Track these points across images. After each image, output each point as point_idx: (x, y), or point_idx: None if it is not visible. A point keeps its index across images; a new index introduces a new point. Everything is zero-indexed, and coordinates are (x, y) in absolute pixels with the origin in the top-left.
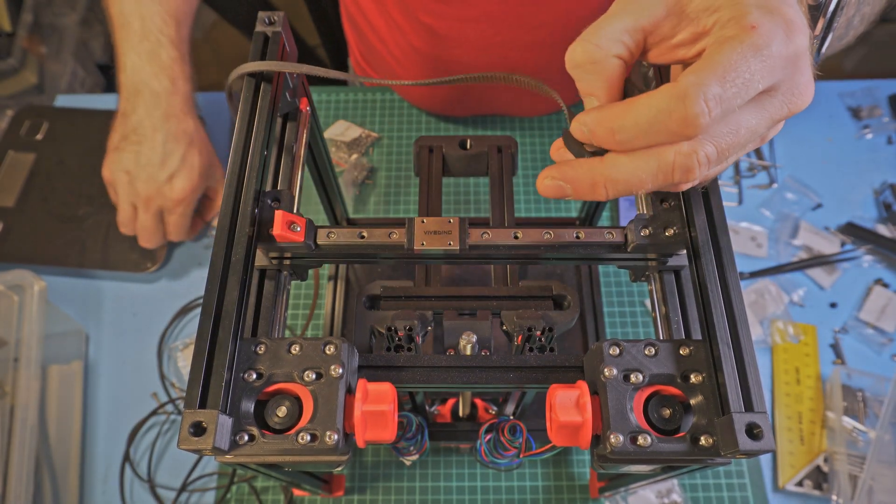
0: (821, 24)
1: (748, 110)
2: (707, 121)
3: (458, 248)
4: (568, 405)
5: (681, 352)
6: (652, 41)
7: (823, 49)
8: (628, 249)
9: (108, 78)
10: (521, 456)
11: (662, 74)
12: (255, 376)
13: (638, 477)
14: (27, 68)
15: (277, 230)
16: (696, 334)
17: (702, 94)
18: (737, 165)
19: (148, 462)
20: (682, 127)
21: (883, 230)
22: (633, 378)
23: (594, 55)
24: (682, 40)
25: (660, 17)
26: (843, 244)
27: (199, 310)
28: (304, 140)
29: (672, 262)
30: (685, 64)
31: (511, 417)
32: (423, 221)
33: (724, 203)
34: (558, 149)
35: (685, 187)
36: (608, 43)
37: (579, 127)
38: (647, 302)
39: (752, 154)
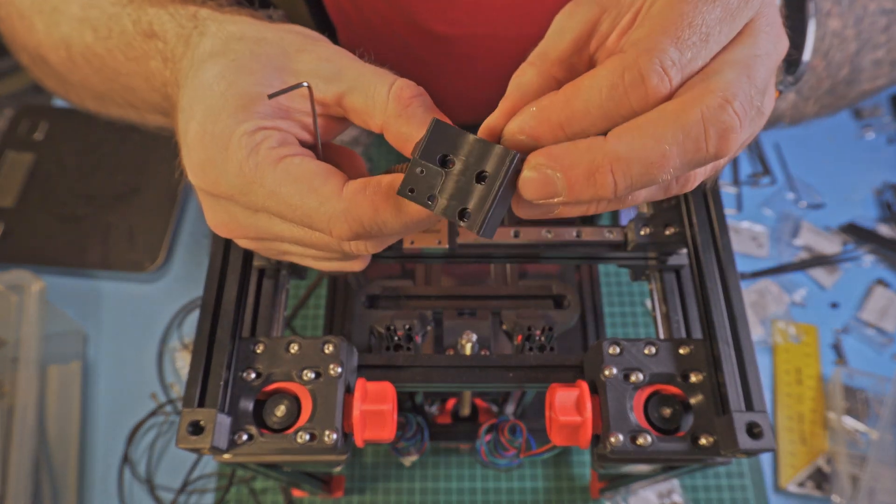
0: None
1: (736, 48)
2: (667, 88)
3: (447, 246)
4: (568, 405)
5: (681, 351)
6: (594, 49)
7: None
8: (628, 248)
9: None
10: (521, 456)
11: None
12: (253, 375)
13: (638, 477)
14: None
15: None
16: (697, 333)
17: (657, 60)
18: (735, 167)
19: (147, 463)
20: (644, 105)
21: (884, 230)
22: (633, 377)
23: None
24: (623, 29)
25: (595, 18)
26: (844, 244)
27: (198, 310)
28: None
29: (672, 261)
30: None
31: (511, 417)
32: None
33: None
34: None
35: (723, 163)
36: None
37: (514, 135)
38: (648, 301)
39: (757, 163)
